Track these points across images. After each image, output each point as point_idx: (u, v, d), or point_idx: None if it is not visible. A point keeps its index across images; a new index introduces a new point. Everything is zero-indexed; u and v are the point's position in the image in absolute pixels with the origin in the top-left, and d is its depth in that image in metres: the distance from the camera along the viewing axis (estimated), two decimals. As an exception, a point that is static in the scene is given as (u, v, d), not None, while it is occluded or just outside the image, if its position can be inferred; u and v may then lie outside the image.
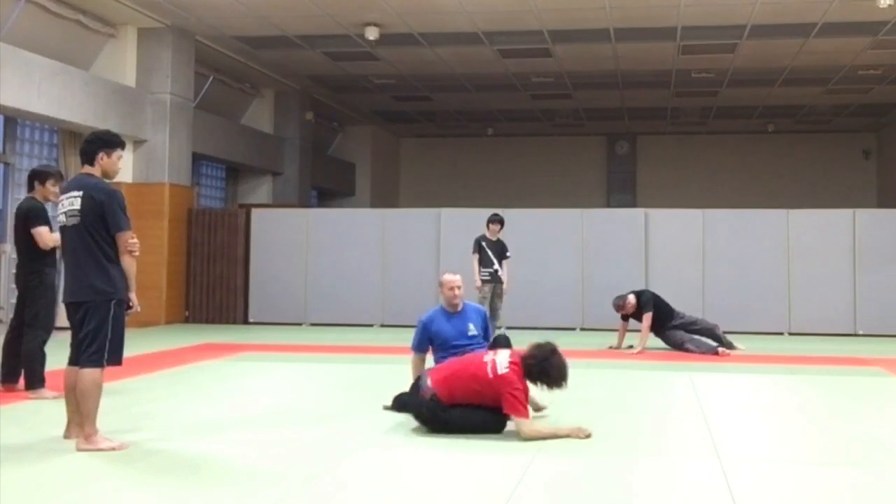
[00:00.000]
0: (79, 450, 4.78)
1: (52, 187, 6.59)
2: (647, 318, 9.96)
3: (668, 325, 10.12)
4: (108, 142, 5.09)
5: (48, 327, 6.68)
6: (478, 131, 22.87)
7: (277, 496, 3.99)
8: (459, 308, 6.24)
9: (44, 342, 6.61)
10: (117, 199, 4.92)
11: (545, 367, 5.17)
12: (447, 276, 6.31)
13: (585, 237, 13.14)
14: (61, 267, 5.72)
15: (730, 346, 10.10)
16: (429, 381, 5.38)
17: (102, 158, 5.04)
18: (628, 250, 12.99)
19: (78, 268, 4.89)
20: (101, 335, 4.83)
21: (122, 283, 4.91)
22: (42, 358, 6.58)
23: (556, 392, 5.30)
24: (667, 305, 10.21)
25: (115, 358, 4.91)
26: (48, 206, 6.66)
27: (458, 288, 6.21)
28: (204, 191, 16.93)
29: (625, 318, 10.31)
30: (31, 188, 6.75)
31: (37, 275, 6.58)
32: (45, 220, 6.56)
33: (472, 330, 6.17)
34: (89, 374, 4.82)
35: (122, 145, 5.19)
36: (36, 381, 6.56)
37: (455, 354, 5.91)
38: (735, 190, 22.24)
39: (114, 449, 4.80)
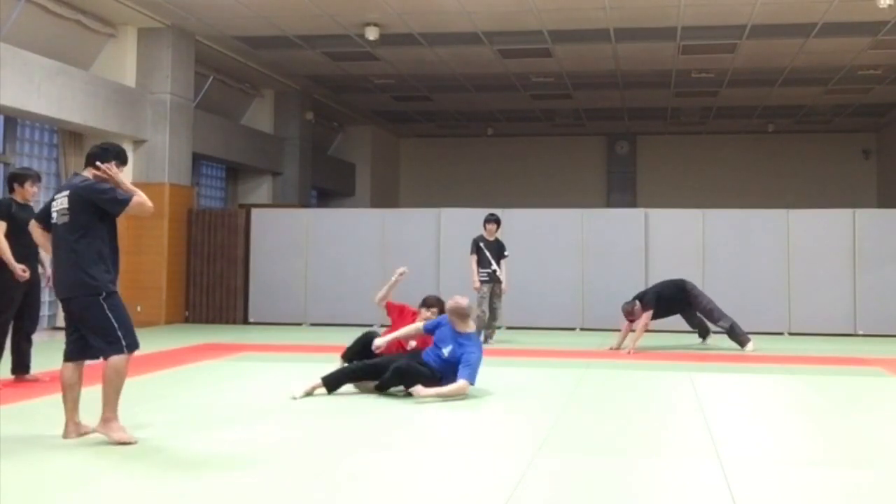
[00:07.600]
0: (94, 430, 4.95)
1: (30, 188, 7.14)
2: (646, 316, 9.95)
3: (687, 310, 10.42)
4: (121, 157, 5.24)
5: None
6: (478, 131, 22.87)
7: (278, 496, 3.99)
8: (459, 329, 6.70)
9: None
10: (98, 186, 5.00)
11: None
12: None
13: (585, 237, 13.13)
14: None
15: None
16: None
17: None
18: (628, 250, 12.98)
19: (66, 264, 4.98)
20: (108, 327, 4.92)
21: (106, 276, 4.99)
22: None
23: None
24: (678, 293, 10.26)
25: (131, 342, 4.99)
26: (35, 206, 7.01)
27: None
28: (204, 191, 16.93)
29: (631, 321, 10.29)
30: (11, 190, 7.22)
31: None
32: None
33: (445, 352, 6.63)
34: (113, 360, 4.92)
35: (126, 163, 5.37)
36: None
37: (434, 355, 6.69)
38: (735, 190, 22.23)
39: (122, 443, 4.86)
